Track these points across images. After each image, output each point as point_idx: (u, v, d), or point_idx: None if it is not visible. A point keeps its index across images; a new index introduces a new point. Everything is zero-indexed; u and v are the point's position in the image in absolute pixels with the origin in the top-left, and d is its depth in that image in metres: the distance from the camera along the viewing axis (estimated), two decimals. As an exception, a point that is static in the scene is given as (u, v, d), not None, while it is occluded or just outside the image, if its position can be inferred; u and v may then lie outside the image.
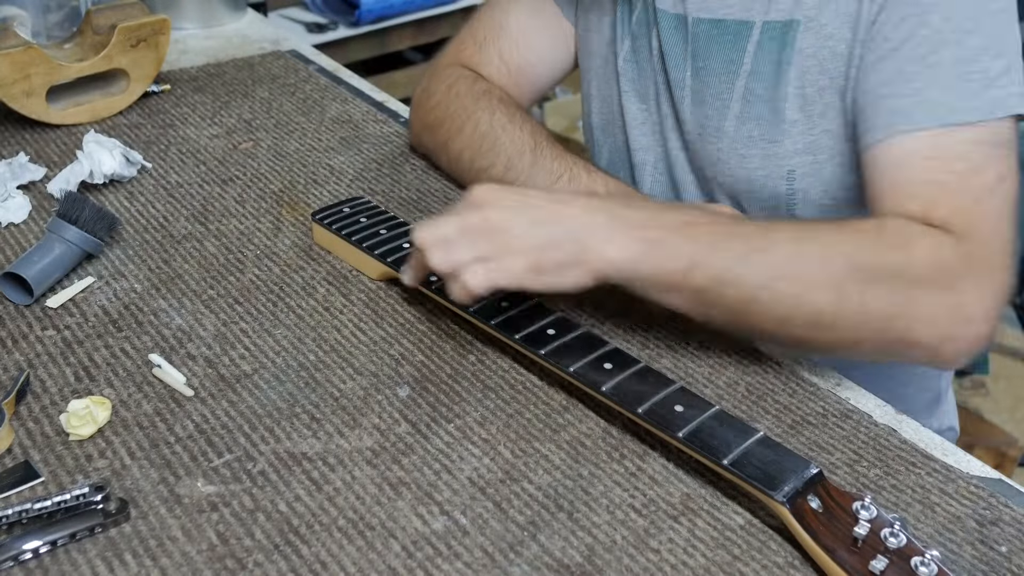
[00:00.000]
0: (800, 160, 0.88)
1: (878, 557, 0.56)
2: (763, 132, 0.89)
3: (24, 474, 0.64)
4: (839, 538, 0.58)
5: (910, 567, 0.55)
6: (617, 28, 1.00)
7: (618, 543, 0.61)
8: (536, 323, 0.74)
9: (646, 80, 0.98)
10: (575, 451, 0.68)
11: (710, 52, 0.91)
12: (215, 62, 1.29)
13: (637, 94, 0.99)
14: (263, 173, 1.02)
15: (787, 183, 0.89)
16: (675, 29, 0.93)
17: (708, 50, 0.91)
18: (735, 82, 0.90)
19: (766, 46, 0.87)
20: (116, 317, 0.80)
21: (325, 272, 0.86)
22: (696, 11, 0.91)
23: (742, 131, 0.90)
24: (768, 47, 0.87)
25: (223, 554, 0.59)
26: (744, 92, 0.89)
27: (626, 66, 0.99)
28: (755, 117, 0.89)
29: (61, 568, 0.58)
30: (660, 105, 0.97)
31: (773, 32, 0.87)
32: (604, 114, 1.04)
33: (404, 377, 0.74)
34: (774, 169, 0.89)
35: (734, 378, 0.76)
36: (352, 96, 1.20)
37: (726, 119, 0.91)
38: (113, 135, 1.07)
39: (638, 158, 1.00)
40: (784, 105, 0.87)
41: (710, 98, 0.91)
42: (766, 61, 0.88)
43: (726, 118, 0.91)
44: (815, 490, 0.61)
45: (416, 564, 0.59)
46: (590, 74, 1.05)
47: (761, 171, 0.90)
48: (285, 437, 0.68)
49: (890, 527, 0.57)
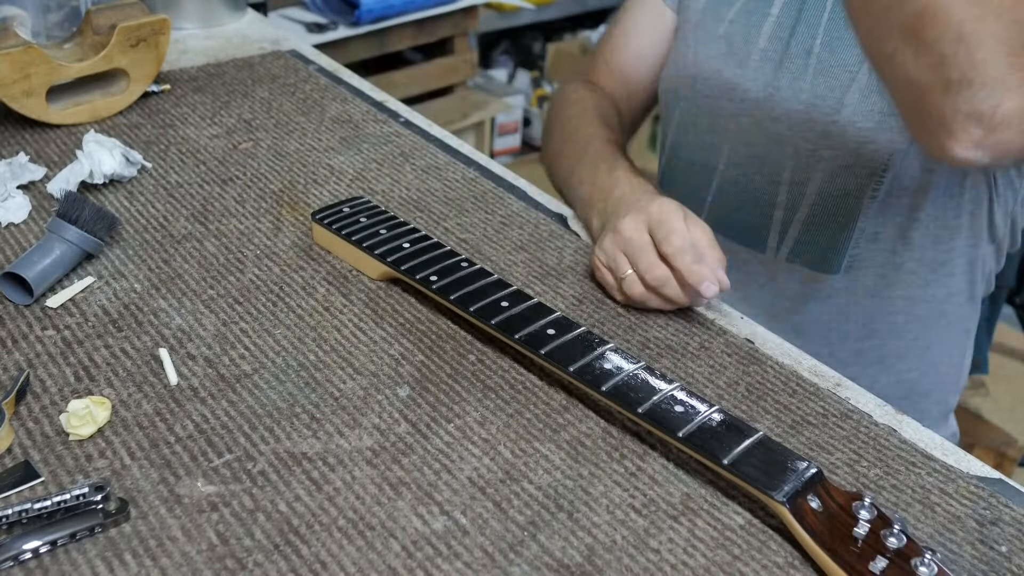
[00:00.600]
0: (906, 136, 0.89)
1: (878, 557, 0.56)
2: (884, 104, 0.89)
3: (24, 474, 0.64)
4: (839, 538, 0.58)
5: (910, 567, 0.55)
6: None
7: (618, 543, 0.61)
8: (536, 323, 0.74)
9: (751, 44, 0.98)
10: (575, 451, 0.68)
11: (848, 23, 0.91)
12: (215, 62, 1.29)
13: (736, 59, 0.99)
14: (263, 173, 1.02)
15: (887, 159, 0.90)
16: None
17: (846, 19, 0.91)
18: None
19: None
20: (116, 317, 0.80)
21: (325, 272, 0.86)
22: None
23: (863, 105, 0.90)
24: None
25: (223, 554, 0.59)
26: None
27: (731, 28, 0.99)
28: (880, 89, 0.89)
29: (61, 568, 0.58)
30: (762, 73, 0.97)
31: None
32: (683, 77, 1.04)
33: (404, 377, 0.74)
34: (883, 145, 0.90)
35: (734, 378, 0.76)
36: (352, 96, 1.20)
37: (849, 91, 0.91)
38: (113, 135, 1.07)
39: (720, 125, 1.00)
40: None
41: (837, 70, 0.91)
42: None
43: (849, 90, 0.91)
44: (815, 490, 0.61)
45: (416, 564, 0.59)
46: (678, 39, 1.05)
47: (871, 146, 0.91)
48: (285, 437, 0.68)
49: (890, 527, 0.57)
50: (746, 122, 0.99)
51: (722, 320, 0.83)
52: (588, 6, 3.28)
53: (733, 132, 1.00)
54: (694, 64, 1.02)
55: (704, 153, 1.03)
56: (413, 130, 1.13)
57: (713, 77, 1.01)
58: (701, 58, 1.02)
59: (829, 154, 0.94)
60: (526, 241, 0.93)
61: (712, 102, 1.01)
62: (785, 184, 0.98)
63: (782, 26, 0.96)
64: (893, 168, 0.92)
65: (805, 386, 0.76)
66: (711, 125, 1.02)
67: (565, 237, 0.93)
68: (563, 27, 3.44)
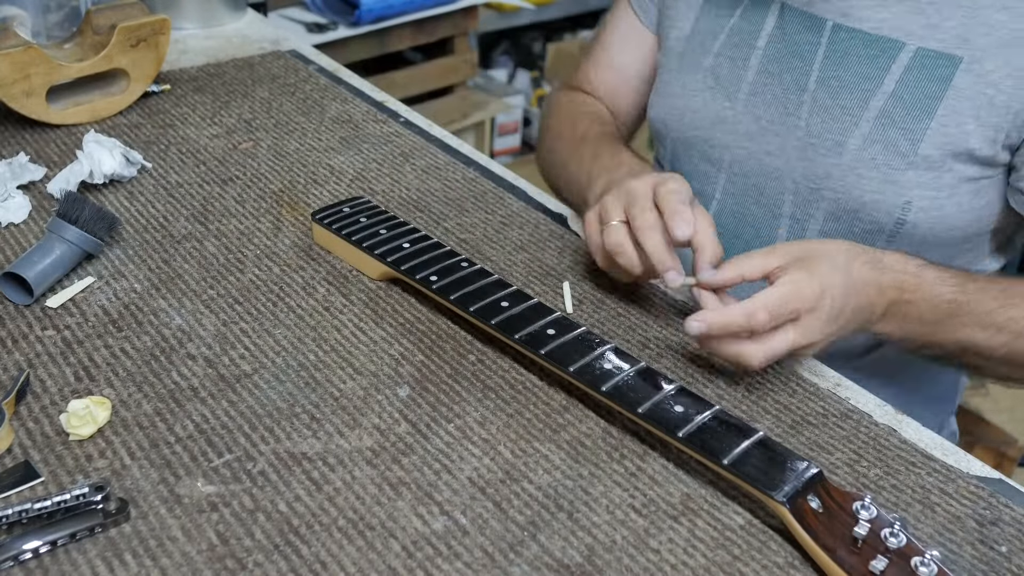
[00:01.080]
0: (920, 193, 0.85)
1: (878, 557, 0.56)
2: (889, 159, 0.86)
3: (24, 474, 0.64)
4: (839, 538, 0.58)
5: (910, 567, 0.55)
6: (706, 22, 0.97)
7: (618, 543, 0.61)
8: (536, 323, 0.74)
9: (738, 78, 0.95)
10: (575, 451, 0.68)
11: (846, 63, 0.87)
12: (215, 62, 1.29)
13: (724, 92, 0.96)
14: (263, 173, 1.02)
15: (900, 212, 0.86)
16: (806, 30, 0.90)
17: (845, 61, 0.87)
18: (869, 100, 0.86)
19: (916, 73, 0.84)
20: (116, 317, 0.80)
21: (325, 272, 0.86)
22: (837, 16, 0.88)
23: (866, 152, 0.87)
24: (919, 74, 0.84)
25: (223, 554, 0.59)
26: (879, 114, 0.86)
27: (717, 61, 0.96)
28: (885, 141, 0.86)
29: (61, 568, 0.58)
30: (753, 106, 0.94)
31: (927, 61, 0.84)
32: (671, 108, 1.01)
33: (404, 377, 0.74)
34: (891, 196, 0.86)
35: (734, 378, 0.76)
36: (352, 96, 1.20)
37: (851, 136, 0.87)
38: (113, 135, 1.07)
39: (714, 155, 0.98)
40: (922, 138, 0.84)
41: (836, 110, 0.88)
42: (913, 89, 0.84)
43: (851, 135, 0.87)
44: (815, 490, 0.61)
45: (416, 564, 0.59)
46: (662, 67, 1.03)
47: (876, 195, 0.87)
48: (285, 437, 0.68)
49: (890, 527, 0.57)
50: (740, 154, 0.96)
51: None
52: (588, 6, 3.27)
53: (727, 163, 0.97)
54: (681, 96, 1.00)
55: (700, 182, 1.00)
56: (413, 130, 1.13)
57: (702, 109, 0.98)
58: (688, 90, 0.99)
59: (831, 195, 0.90)
60: (526, 241, 0.93)
61: (703, 133, 0.98)
62: (786, 218, 0.94)
63: (771, 60, 0.92)
64: (905, 221, 0.87)
65: (805, 386, 0.76)
66: (705, 154, 0.99)
67: (565, 237, 0.93)
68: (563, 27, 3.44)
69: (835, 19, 0.88)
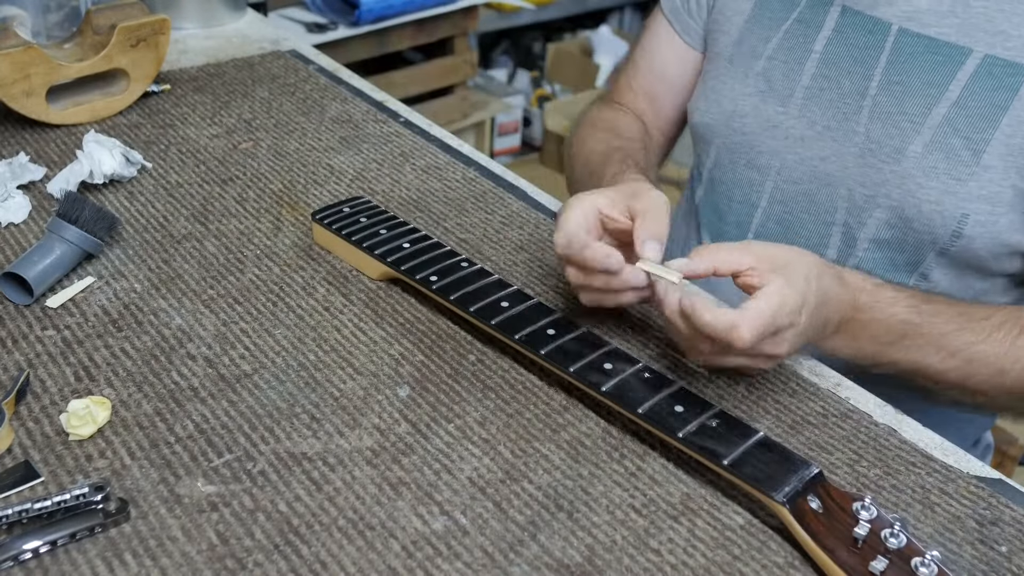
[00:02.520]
0: (978, 207, 0.83)
1: (878, 557, 0.56)
2: (950, 167, 0.83)
3: (24, 474, 0.64)
4: (839, 538, 0.58)
5: (910, 568, 0.55)
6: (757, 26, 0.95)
7: (618, 543, 0.61)
8: (536, 323, 0.74)
9: (792, 82, 0.92)
10: (575, 451, 0.68)
11: (911, 68, 0.85)
12: (215, 62, 1.29)
13: (776, 96, 0.93)
14: (263, 173, 1.02)
15: (956, 225, 0.84)
16: (869, 33, 0.87)
17: (909, 66, 0.85)
18: (933, 107, 0.84)
19: (983, 81, 0.82)
20: (116, 317, 0.80)
21: (325, 272, 0.86)
22: (903, 20, 0.86)
23: (927, 160, 0.84)
24: (985, 82, 0.82)
25: (223, 554, 0.59)
26: (943, 121, 0.83)
27: (770, 64, 0.94)
28: (947, 150, 0.83)
29: (61, 568, 0.58)
30: (808, 111, 0.91)
31: (995, 68, 0.81)
32: (717, 113, 0.98)
33: (404, 377, 0.74)
34: (949, 207, 0.84)
35: (734, 378, 0.76)
36: (352, 96, 1.20)
37: (911, 142, 0.85)
38: (113, 135, 1.07)
39: (762, 161, 0.95)
40: (985, 148, 0.82)
41: (898, 116, 0.85)
42: (979, 97, 0.82)
43: (912, 141, 0.85)
44: (815, 490, 0.61)
45: (416, 564, 0.59)
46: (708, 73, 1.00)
47: (935, 206, 0.84)
48: (285, 437, 0.68)
49: (890, 527, 0.57)
50: (791, 159, 0.93)
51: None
52: (588, 6, 3.28)
53: (776, 169, 0.94)
54: (730, 100, 0.97)
55: (744, 189, 0.98)
56: (413, 130, 1.13)
57: (751, 114, 0.95)
58: (738, 95, 0.96)
59: (887, 203, 0.87)
60: (526, 241, 0.93)
61: (751, 138, 0.95)
62: (838, 225, 0.91)
63: (829, 63, 0.90)
64: (961, 234, 0.84)
65: (805, 386, 0.76)
66: (751, 161, 0.96)
67: (565, 237, 0.93)
68: (563, 27, 3.45)
69: (900, 23, 0.86)
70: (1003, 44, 0.81)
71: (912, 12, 0.85)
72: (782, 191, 0.94)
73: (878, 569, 0.55)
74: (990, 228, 0.84)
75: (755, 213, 0.96)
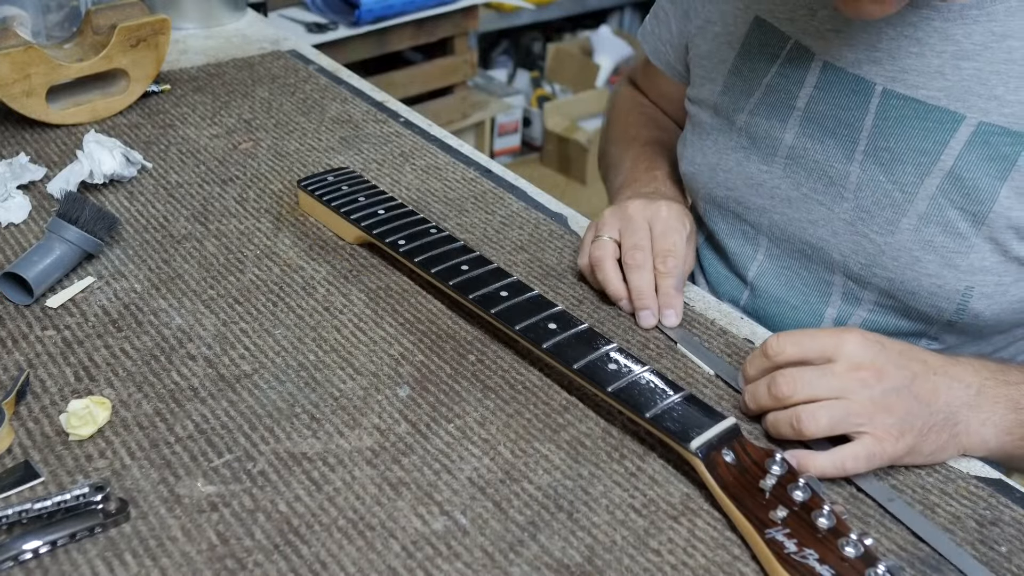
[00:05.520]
0: (983, 279, 0.78)
1: (779, 507, 0.59)
2: (948, 241, 0.78)
3: (24, 474, 0.64)
4: (746, 489, 0.61)
5: (810, 518, 0.58)
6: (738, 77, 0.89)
7: (618, 543, 0.61)
8: (491, 285, 0.77)
9: (775, 140, 0.87)
10: (575, 451, 0.68)
11: (900, 134, 0.79)
12: (215, 62, 1.29)
13: (759, 153, 0.88)
14: (263, 173, 1.02)
15: (960, 299, 0.79)
16: (852, 92, 0.81)
17: (898, 131, 0.79)
18: (925, 177, 0.78)
19: (978, 150, 0.76)
20: (116, 317, 0.80)
21: (325, 272, 0.86)
22: (887, 81, 0.79)
23: (922, 233, 0.79)
24: (981, 152, 0.76)
25: (223, 554, 0.59)
26: (936, 192, 0.78)
27: (752, 120, 0.88)
28: (943, 223, 0.78)
29: (61, 568, 0.58)
30: (792, 172, 0.86)
31: (991, 137, 0.75)
32: (702, 164, 0.93)
33: (404, 377, 0.74)
34: (950, 282, 0.79)
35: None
36: (352, 96, 1.20)
37: (905, 214, 0.79)
38: (113, 135, 1.07)
39: (751, 217, 0.90)
40: (984, 220, 0.77)
41: (888, 186, 0.80)
42: (975, 167, 0.76)
43: (905, 213, 0.79)
44: (730, 444, 0.64)
45: (416, 564, 0.59)
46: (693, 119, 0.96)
47: (934, 280, 0.79)
48: (285, 437, 0.68)
49: (796, 481, 0.60)
50: (779, 219, 0.88)
51: (722, 320, 0.83)
52: (588, 6, 3.28)
53: (767, 226, 0.89)
54: (715, 152, 0.91)
55: (738, 240, 0.93)
56: (413, 130, 1.13)
57: (735, 169, 0.90)
58: (722, 147, 0.91)
59: (884, 274, 0.82)
60: (526, 241, 0.93)
61: (737, 194, 0.90)
62: (838, 287, 0.86)
63: (812, 122, 0.84)
64: (967, 308, 0.79)
65: (805, 386, 0.76)
66: (741, 215, 0.91)
67: (565, 237, 0.93)
68: (563, 27, 3.45)
69: (885, 84, 0.79)
70: (999, 110, 0.75)
71: (896, 72, 0.79)
72: (778, 247, 0.90)
73: (778, 517, 0.58)
74: (998, 299, 0.79)
75: (752, 265, 0.92)
